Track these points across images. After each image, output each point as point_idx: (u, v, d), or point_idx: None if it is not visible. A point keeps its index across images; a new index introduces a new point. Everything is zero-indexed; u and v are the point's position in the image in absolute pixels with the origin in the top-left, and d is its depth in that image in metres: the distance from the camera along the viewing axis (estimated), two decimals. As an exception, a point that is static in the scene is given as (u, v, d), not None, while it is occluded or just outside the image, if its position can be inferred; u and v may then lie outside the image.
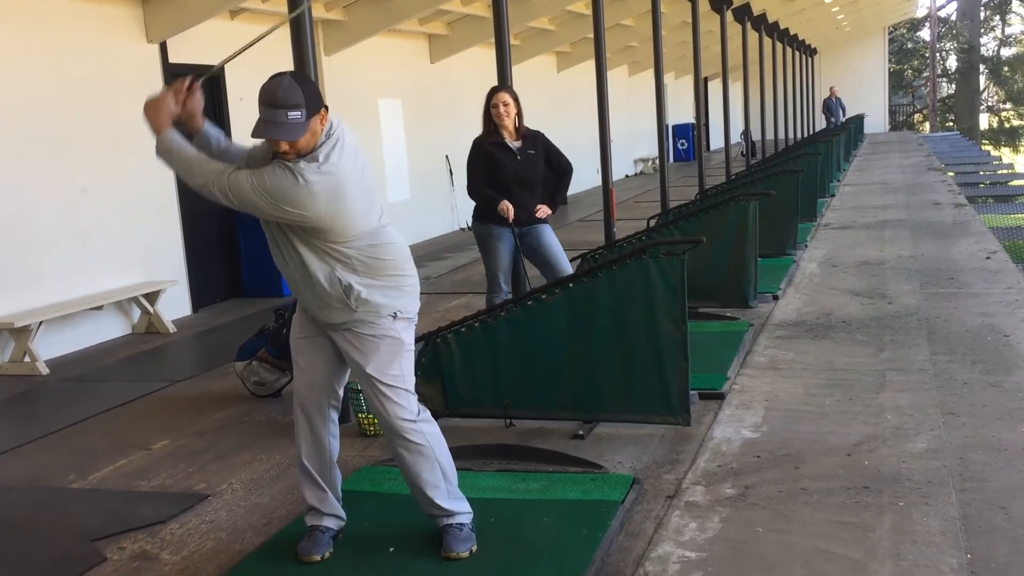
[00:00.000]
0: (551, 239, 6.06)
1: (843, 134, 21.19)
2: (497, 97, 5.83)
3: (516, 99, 5.86)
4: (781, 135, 22.07)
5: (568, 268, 6.05)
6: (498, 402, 4.83)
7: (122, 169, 8.08)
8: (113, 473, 4.72)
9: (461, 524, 3.51)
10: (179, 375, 6.63)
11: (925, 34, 46.38)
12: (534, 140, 5.97)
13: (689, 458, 4.39)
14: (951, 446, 4.33)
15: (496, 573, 3.35)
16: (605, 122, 8.34)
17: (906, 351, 5.96)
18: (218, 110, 9.30)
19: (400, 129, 12.76)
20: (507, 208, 5.76)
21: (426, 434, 3.44)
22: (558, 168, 6.12)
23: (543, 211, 5.98)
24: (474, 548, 3.46)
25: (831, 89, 30.73)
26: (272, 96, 3.11)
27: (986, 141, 42.21)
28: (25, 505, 4.43)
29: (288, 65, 4.20)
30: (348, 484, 4.22)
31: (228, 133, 10.46)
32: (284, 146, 3.14)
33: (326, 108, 3.22)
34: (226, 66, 3.53)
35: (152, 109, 3.26)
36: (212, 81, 9.16)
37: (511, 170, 5.85)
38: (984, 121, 46.18)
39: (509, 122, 5.83)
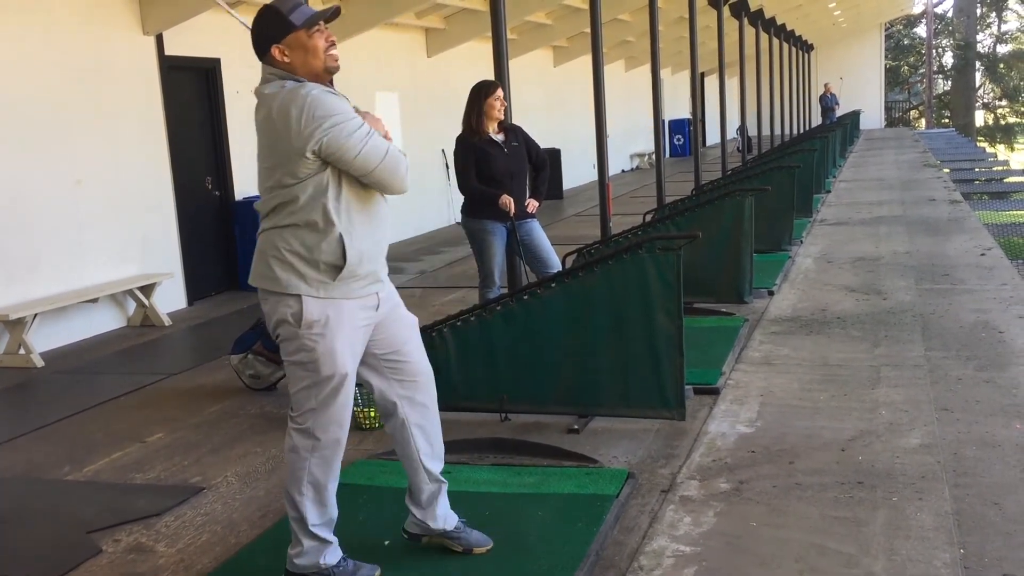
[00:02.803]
0: (542, 234, 6.09)
1: (839, 130, 21.21)
2: (499, 91, 5.84)
3: None
4: (777, 131, 22.07)
5: (558, 263, 6.07)
6: (494, 396, 4.83)
7: (118, 162, 8.07)
8: (108, 465, 4.72)
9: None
10: (174, 368, 6.63)
11: (922, 30, 46.44)
12: (515, 133, 6.00)
13: (684, 453, 4.40)
14: (945, 442, 4.35)
15: (491, 567, 3.36)
16: (601, 117, 8.33)
17: (901, 347, 5.97)
18: (214, 103, 9.29)
19: (396, 122, 12.74)
20: (508, 202, 5.76)
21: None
22: (537, 161, 6.13)
23: (533, 204, 6.00)
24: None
25: (826, 85, 30.87)
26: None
27: (981, 138, 42.31)
28: (20, 497, 4.43)
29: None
30: (344, 477, 4.20)
31: (224, 126, 10.42)
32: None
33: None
34: (223, 60, 3.51)
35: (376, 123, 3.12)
36: (209, 74, 9.21)
37: (502, 164, 5.86)
38: (980, 118, 46.26)
39: (501, 115, 5.86)
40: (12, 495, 4.46)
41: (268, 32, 3.03)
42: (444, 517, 3.44)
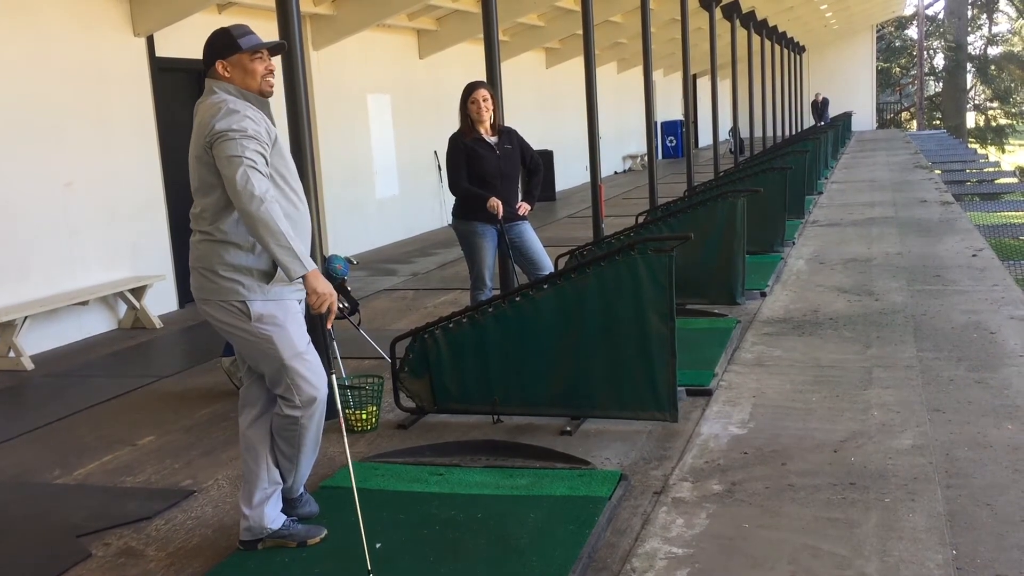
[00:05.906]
0: (533, 236, 6.08)
1: (831, 132, 21.27)
2: (476, 93, 5.82)
3: (493, 94, 5.89)
4: (769, 132, 22.12)
5: (549, 264, 6.06)
6: (486, 398, 4.82)
7: (108, 164, 8.04)
8: (98, 469, 4.70)
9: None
10: (166, 370, 6.60)
11: (913, 32, 46.60)
12: (509, 135, 5.99)
13: (676, 454, 4.39)
14: (937, 443, 4.35)
15: (483, 570, 3.35)
16: (594, 118, 8.34)
17: (893, 348, 5.98)
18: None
19: (389, 124, 12.74)
20: (497, 205, 5.75)
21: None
22: (531, 165, 6.12)
23: (524, 208, 5.98)
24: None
25: (816, 94, 31.24)
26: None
27: (973, 139, 42.45)
28: (9, 501, 4.40)
29: (277, 60, 4.16)
30: (335, 480, 4.22)
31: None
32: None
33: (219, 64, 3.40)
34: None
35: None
36: (200, 76, 9.17)
37: (493, 165, 5.85)
38: (971, 119, 46.43)
39: (487, 117, 5.84)
40: (1, 499, 4.43)
41: (217, 49, 3.41)
42: (274, 518, 3.57)
